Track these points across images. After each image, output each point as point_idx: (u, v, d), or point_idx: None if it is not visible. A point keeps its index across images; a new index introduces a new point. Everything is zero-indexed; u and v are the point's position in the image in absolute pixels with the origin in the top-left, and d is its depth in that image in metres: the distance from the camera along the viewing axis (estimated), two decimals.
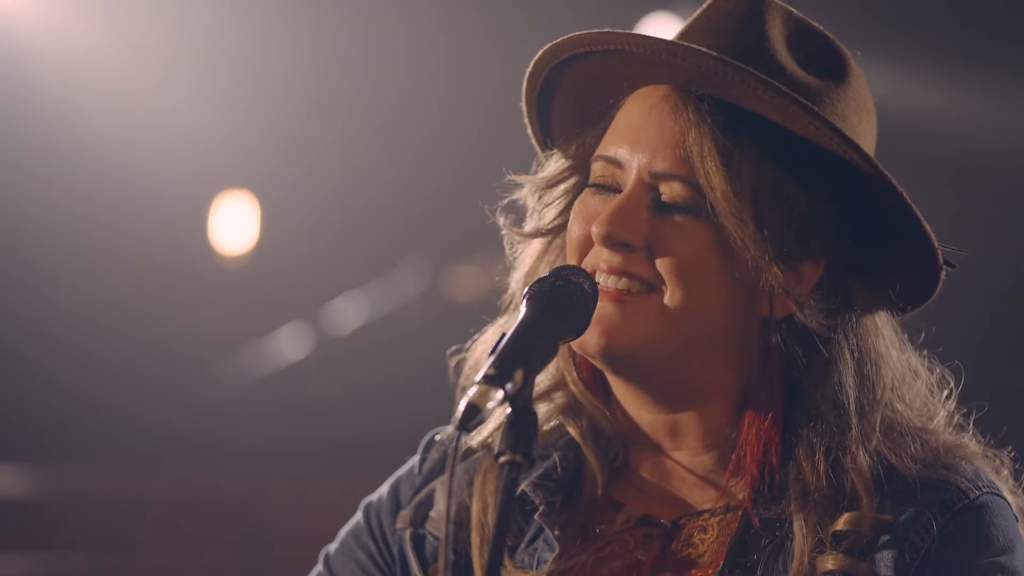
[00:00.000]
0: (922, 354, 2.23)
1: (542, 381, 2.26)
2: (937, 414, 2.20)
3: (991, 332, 6.53)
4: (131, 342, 8.56)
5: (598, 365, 2.17)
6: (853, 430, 2.10)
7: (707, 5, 2.19)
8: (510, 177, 2.27)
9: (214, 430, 8.42)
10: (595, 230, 2.11)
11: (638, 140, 2.12)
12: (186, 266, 8.62)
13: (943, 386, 2.23)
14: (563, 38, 2.14)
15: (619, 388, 2.21)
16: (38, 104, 8.02)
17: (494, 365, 1.87)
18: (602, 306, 2.08)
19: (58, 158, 8.19)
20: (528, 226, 2.25)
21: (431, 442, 2.36)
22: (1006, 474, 2.20)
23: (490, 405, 1.83)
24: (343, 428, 8.18)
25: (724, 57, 2.05)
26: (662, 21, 7.18)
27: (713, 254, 2.09)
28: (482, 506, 2.23)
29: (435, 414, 2.47)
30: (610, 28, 2.12)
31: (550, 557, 2.19)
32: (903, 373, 2.18)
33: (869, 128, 2.18)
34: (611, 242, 2.10)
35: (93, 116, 8.12)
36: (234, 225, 8.76)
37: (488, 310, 2.34)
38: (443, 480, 2.30)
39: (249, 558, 7.49)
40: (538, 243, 2.25)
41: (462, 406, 1.82)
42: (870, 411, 2.12)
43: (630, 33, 2.10)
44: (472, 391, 1.83)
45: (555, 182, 2.23)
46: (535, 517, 2.22)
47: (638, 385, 2.18)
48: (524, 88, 2.21)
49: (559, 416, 2.27)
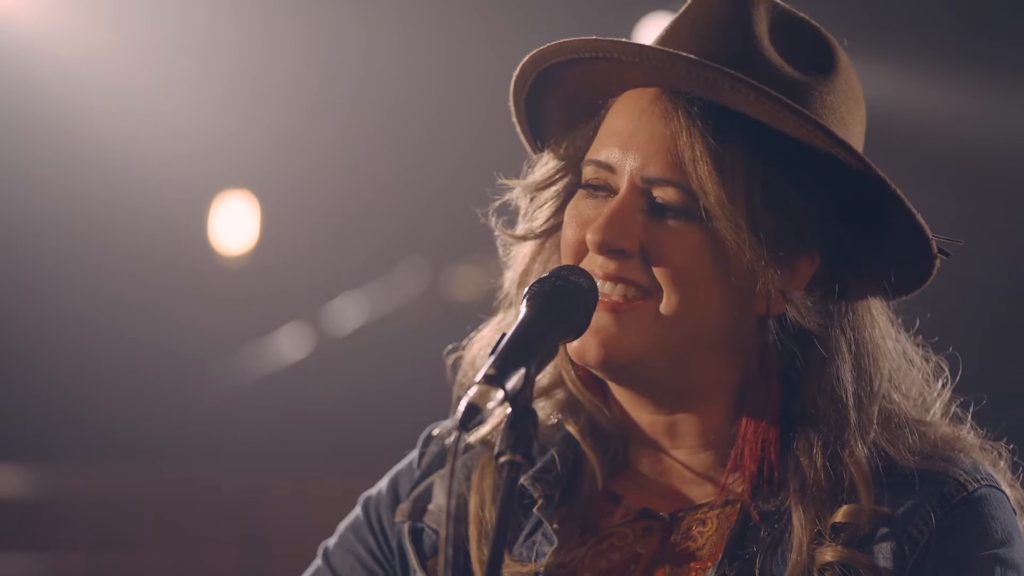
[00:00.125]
0: (917, 341, 2.23)
1: (541, 379, 2.25)
2: (933, 404, 2.20)
3: (991, 332, 6.53)
4: (131, 342, 8.56)
5: (597, 374, 2.17)
6: (851, 423, 2.10)
7: (692, 1, 2.19)
8: (500, 181, 2.26)
9: (214, 430, 8.42)
10: (590, 237, 2.11)
11: (629, 144, 2.12)
12: (186, 266, 8.62)
13: (939, 375, 2.23)
14: (548, 45, 2.14)
15: (617, 391, 2.21)
16: (38, 104, 8.02)
17: (494, 365, 1.86)
18: (599, 316, 2.08)
19: (58, 158, 8.19)
20: (520, 228, 2.25)
21: (430, 436, 2.36)
22: (1004, 467, 2.20)
23: (490, 405, 1.83)
24: (343, 428, 8.18)
25: (713, 64, 2.05)
26: (662, 21, 7.16)
27: (708, 258, 2.09)
28: (480, 500, 2.23)
29: (435, 414, 2.47)
30: (610, 28, 2.12)
31: (549, 550, 2.19)
32: (899, 363, 2.18)
33: (859, 117, 2.18)
34: (606, 249, 2.10)
35: (93, 116, 8.12)
36: (234, 225, 8.76)
37: (488, 310, 2.34)
38: (441, 474, 2.31)
39: (249, 558, 7.49)
40: (531, 243, 2.25)
41: (463, 406, 1.82)
42: (868, 403, 2.12)
43: (617, 41, 2.09)
44: (472, 391, 1.83)
45: (546, 184, 2.23)
46: (534, 510, 2.22)
47: (637, 390, 2.18)
48: (511, 91, 2.21)
49: (558, 413, 2.27)
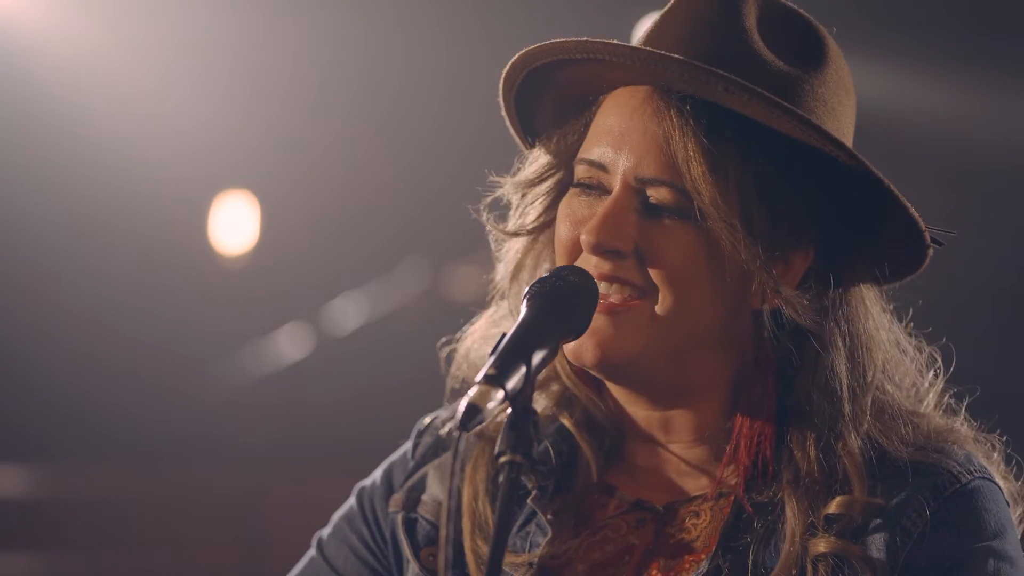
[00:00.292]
0: (909, 329, 2.23)
1: None
2: (927, 395, 2.20)
3: (991, 331, 6.53)
4: (131, 342, 8.55)
5: (594, 375, 2.17)
6: (845, 415, 2.11)
7: None
8: (492, 178, 2.26)
9: (214, 430, 8.42)
10: (584, 238, 2.10)
11: (622, 143, 2.11)
12: (186, 266, 8.62)
13: (931, 365, 2.23)
14: (540, 45, 2.13)
15: (613, 387, 2.21)
16: (38, 104, 8.02)
17: (495, 365, 1.86)
18: (595, 318, 2.08)
19: (58, 158, 8.19)
20: (512, 224, 2.25)
21: (424, 427, 2.37)
22: (997, 458, 2.20)
23: (490, 405, 1.82)
24: (343, 428, 8.17)
25: (706, 66, 2.04)
26: None
27: (702, 257, 2.09)
28: (473, 492, 2.24)
29: None
30: (609, 28, 2.12)
31: (543, 541, 2.19)
32: (892, 352, 2.18)
33: (849, 107, 2.18)
34: (601, 250, 2.10)
35: (93, 116, 8.12)
36: (234, 225, 8.76)
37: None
38: (435, 465, 2.32)
39: (248, 558, 7.49)
40: (523, 239, 2.25)
41: (463, 406, 1.82)
42: (861, 395, 2.12)
43: (608, 43, 2.08)
44: (473, 391, 1.83)
45: (538, 180, 2.23)
46: (528, 501, 2.22)
47: (632, 387, 2.18)
48: (500, 88, 2.20)
49: (553, 406, 2.27)
